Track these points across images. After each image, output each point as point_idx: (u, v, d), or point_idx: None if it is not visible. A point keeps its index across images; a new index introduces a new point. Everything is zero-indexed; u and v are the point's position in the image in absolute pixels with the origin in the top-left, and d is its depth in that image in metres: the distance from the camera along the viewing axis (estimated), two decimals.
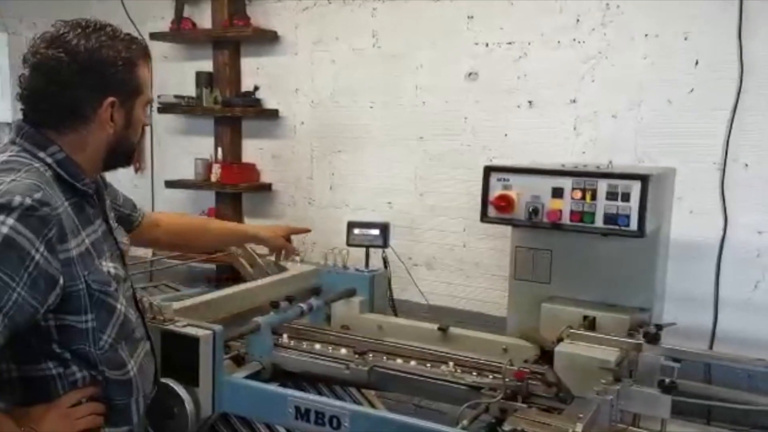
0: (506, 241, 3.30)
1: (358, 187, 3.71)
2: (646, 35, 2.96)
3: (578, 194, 2.11)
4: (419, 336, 2.47)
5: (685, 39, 2.88)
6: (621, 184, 2.05)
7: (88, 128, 1.42)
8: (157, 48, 4.24)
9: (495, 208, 2.24)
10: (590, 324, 2.21)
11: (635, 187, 2.03)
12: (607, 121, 3.06)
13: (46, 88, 1.38)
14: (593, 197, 2.09)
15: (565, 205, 2.14)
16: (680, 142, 2.90)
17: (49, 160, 1.39)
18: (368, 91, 3.63)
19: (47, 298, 1.32)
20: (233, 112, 3.84)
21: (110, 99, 1.41)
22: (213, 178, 3.93)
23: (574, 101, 3.13)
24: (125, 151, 1.52)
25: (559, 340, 2.04)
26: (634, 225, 2.04)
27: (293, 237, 2.49)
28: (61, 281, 1.33)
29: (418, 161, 3.53)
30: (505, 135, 3.29)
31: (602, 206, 2.08)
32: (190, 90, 4.02)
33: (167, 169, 4.28)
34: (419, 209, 3.55)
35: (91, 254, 1.42)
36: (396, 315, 2.80)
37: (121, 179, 4.56)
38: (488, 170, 2.28)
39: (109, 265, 1.47)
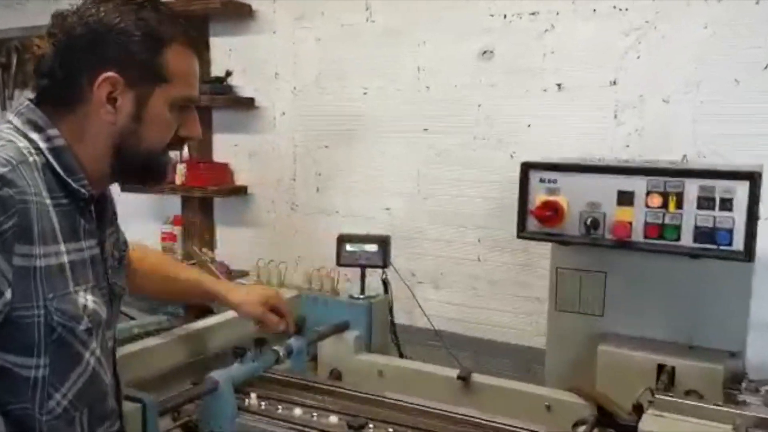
0: (531, 256, 2.74)
1: (349, 190, 3.12)
2: None
3: (656, 200, 1.53)
4: (433, 386, 1.90)
5: (756, 2, 2.31)
6: (719, 186, 1.48)
7: (85, 110, 1.16)
8: None
9: (538, 220, 1.65)
10: (669, 377, 1.64)
11: (740, 190, 1.46)
12: (656, 106, 2.48)
13: (51, 57, 1.15)
14: (679, 204, 1.51)
15: (636, 215, 1.56)
16: (751, 131, 2.32)
17: (42, 144, 1.12)
18: (361, 75, 3.04)
19: None
20: (199, 101, 3.22)
21: (109, 73, 1.14)
22: (178, 180, 3.33)
23: (614, 83, 2.55)
24: (136, 155, 1.20)
25: (637, 407, 1.46)
26: (738, 244, 1.47)
27: None
28: (8, 296, 1.02)
29: (422, 158, 2.94)
30: (528, 126, 2.71)
31: (692, 217, 1.50)
32: None
33: None
34: (423, 216, 2.97)
35: (65, 275, 1.10)
36: (401, 355, 2.22)
37: None
38: (527, 168, 1.69)
39: (87, 298, 1.13)
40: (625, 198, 1.55)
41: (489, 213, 2.80)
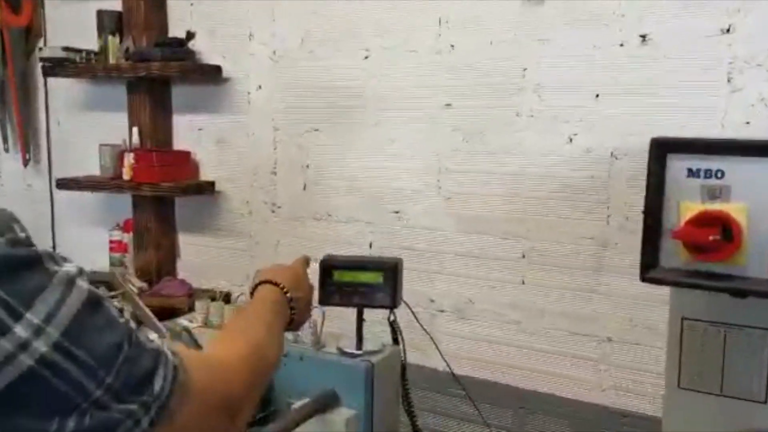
0: (600, 277, 1.97)
1: (346, 187, 2.36)
2: None
3: None
4: None
5: None
6: None
7: None
8: None
9: (688, 249, 0.87)
10: None
11: None
12: None
13: None
14: None
15: None
16: None
17: None
18: (361, 33, 2.27)
19: None
20: (150, 70, 2.46)
21: None
22: (125, 175, 2.58)
23: (727, 31, 1.77)
24: None
25: None
26: None
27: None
28: None
29: (444, 143, 2.17)
30: (596, 96, 1.94)
31: None
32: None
33: (71, 161, 2.94)
34: (446, 222, 2.20)
35: None
36: None
37: (7, 176, 3.21)
38: (663, 149, 0.91)
39: None
40: None
41: (538, 218, 2.04)
